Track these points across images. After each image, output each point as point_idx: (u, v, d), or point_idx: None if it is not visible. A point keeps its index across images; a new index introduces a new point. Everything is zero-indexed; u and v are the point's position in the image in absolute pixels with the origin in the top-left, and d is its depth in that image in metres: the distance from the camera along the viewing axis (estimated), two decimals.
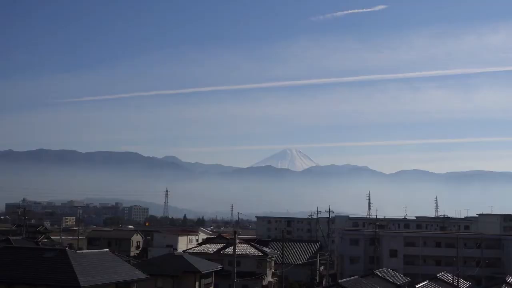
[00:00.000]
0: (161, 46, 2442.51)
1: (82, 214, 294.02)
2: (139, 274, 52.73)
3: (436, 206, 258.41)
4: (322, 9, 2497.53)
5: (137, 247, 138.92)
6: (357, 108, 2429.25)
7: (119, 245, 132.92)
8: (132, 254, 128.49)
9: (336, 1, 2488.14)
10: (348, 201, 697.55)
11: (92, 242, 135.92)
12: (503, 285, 69.87)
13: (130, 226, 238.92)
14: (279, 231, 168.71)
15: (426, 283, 71.46)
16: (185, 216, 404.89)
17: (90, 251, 59.71)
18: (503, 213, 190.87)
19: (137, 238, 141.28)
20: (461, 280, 77.75)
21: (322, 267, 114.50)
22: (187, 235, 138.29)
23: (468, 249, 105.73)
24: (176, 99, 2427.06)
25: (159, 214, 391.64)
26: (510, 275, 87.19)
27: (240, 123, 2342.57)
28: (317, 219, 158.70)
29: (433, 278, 76.50)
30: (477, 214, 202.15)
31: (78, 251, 53.57)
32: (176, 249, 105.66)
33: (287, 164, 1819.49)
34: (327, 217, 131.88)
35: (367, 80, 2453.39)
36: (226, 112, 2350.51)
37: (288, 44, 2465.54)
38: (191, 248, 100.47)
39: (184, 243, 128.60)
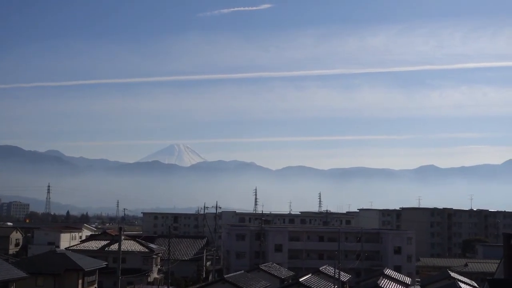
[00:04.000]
0: (43, 37, 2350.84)
1: None
2: (18, 273, 50.73)
3: (320, 201, 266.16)
4: (209, 6, 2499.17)
5: (17, 245, 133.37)
6: (244, 104, 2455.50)
7: None
8: (10, 252, 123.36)
9: None
10: (235, 196, 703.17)
11: None
12: (381, 277, 73.25)
13: (9, 223, 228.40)
14: (166, 227, 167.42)
15: (309, 276, 73.41)
16: (68, 212, 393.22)
17: None
18: (381, 208, 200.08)
19: (16, 236, 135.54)
20: (342, 273, 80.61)
21: (208, 263, 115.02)
22: (70, 232, 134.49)
23: (349, 243, 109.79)
24: (59, 91, 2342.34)
25: (40, 210, 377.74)
26: (388, 267, 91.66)
27: (127, 118, 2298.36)
28: (204, 215, 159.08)
29: (316, 272, 78.83)
30: (357, 209, 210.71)
31: None
32: (58, 247, 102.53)
33: (175, 160, 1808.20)
34: (214, 213, 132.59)
35: (253, 77, 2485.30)
36: (112, 106, 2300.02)
37: (176, 39, 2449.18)
38: (74, 245, 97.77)
39: (66, 240, 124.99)
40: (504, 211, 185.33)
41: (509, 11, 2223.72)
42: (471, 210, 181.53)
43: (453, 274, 76.35)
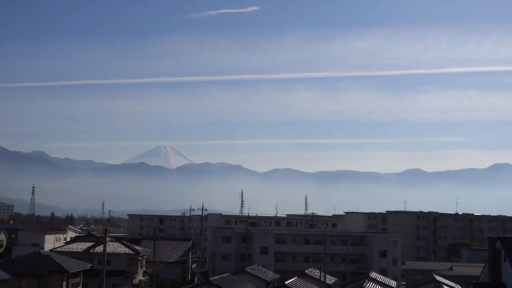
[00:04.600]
0: (29, 37, 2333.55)
1: None
2: (1, 275, 50.27)
3: (306, 204, 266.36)
4: (196, 7, 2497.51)
5: (0, 246, 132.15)
6: (231, 107, 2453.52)
7: None
8: None
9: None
10: (221, 199, 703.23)
11: None
12: (366, 280, 73.40)
13: None
14: (152, 229, 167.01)
15: (295, 279, 73.45)
16: (53, 213, 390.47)
17: None
18: (367, 211, 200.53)
19: (0, 237, 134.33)
20: (328, 276, 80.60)
21: (194, 265, 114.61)
22: (55, 234, 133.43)
23: (335, 246, 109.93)
24: (44, 92, 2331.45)
25: (25, 211, 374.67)
26: (373, 271, 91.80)
27: (113, 119, 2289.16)
28: (190, 217, 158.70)
29: (302, 275, 78.84)
30: (344, 212, 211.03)
31: None
32: (42, 248, 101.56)
33: (161, 161, 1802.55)
34: (200, 215, 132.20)
35: (241, 80, 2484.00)
36: (98, 107, 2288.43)
37: (163, 40, 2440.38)
38: (58, 247, 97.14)
39: (51, 242, 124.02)
40: (489, 215, 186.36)
41: (494, 17, 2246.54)
42: (456, 214, 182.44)
43: (438, 278, 76.60)
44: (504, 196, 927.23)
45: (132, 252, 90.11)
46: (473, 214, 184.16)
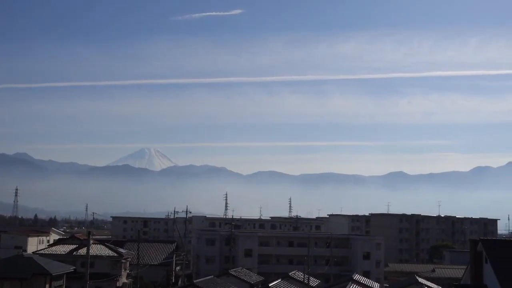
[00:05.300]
0: (12, 37, 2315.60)
1: None
2: None
3: (290, 207, 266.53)
4: (180, 10, 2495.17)
5: None
6: (216, 109, 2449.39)
7: None
8: None
9: (193, 2, 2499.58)
10: (205, 201, 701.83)
11: None
12: (350, 282, 73.75)
13: None
14: (136, 231, 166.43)
15: (279, 281, 73.74)
16: (36, 216, 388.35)
17: None
18: (351, 214, 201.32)
19: None
20: (311, 278, 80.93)
21: (178, 267, 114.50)
22: (38, 236, 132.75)
23: (318, 248, 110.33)
24: (28, 93, 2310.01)
25: (7, 213, 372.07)
26: (357, 273, 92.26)
27: (97, 121, 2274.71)
28: (174, 219, 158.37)
29: (286, 277, 79.14)
30: (327, 215, 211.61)
31: None
32: (25, 251, 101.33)
33: (145, 164, 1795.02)
34: (184, 217, 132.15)
35: (225, 82, 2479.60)
36: (82, 109, 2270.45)
37: (147, 42, 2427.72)
38: (41, 249, 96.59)
39: (34, 244, 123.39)
40: (471, 217, 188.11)
41: (477, 21, 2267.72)
42: (438, 217, 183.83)
43: (420, 280, 77.20)
44: (486, 199, 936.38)
45: (115, 255, 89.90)
46: (455, 216, 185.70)
